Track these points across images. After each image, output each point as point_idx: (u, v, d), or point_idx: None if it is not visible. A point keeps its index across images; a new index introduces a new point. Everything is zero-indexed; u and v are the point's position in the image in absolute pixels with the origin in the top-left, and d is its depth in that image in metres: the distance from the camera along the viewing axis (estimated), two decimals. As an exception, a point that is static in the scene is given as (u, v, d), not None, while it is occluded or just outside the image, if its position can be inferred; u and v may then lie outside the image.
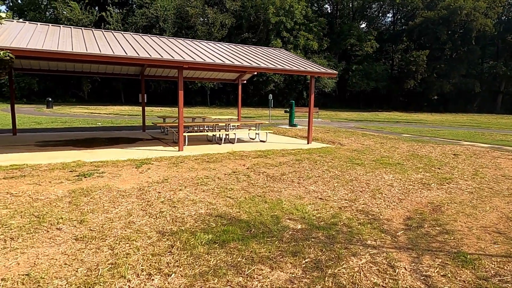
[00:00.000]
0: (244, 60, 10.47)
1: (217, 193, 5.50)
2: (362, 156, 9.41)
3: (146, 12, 36.57)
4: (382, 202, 5.20)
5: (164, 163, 7.75)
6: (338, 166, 7.91)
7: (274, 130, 15.85)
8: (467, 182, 6.71)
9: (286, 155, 9.25)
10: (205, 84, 39.09)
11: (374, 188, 6.02)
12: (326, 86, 44.13)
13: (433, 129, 19.95)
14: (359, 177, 6.85)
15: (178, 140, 9.57)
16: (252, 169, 7.39)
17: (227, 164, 7.82)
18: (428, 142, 12.87)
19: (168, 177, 6.47)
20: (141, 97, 14.52)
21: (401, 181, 6.55)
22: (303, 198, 5.34)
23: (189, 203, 4.95)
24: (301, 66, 11.23)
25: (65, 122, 17.63)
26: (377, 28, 55.06)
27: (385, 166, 8.06)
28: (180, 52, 9.70)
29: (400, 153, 10.05)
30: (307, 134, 11.81)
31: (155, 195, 5.28)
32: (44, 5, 46.99)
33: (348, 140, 12.91)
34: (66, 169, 6.82)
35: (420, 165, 8.31)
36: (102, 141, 11.17)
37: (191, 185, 5.94)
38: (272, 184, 6.16)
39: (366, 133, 15.71)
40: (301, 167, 7.73)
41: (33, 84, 40.19)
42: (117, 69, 14.03)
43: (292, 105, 17.39)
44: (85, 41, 8.81)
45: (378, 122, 25.23)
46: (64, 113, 25.32)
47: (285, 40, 41.66)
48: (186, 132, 11.16)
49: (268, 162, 8.15)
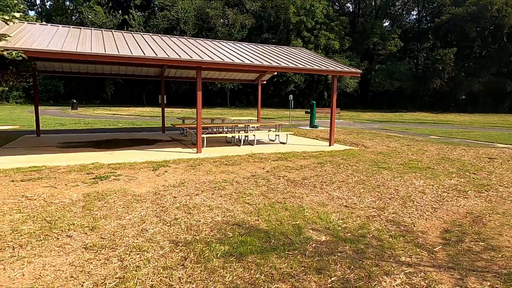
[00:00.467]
0: (264, 59, 10.17)
1: (235, 199, 5.22)
2: (388, 159, 8.90)
3: (167, 15, 36.97)
4: (414, 211, 4.75)
5: (182, 165, 7.55)
6: (363, 170, 7.46)
7: (295, 132, 15.46)
8: (508, 189, 6.12)
9: (308, 157, 8.87)
10: (225, 85, 39.09)
11: (404, 195, 5.57)
12: (347, 86, 43.21)
13: (463, 130, 18.96)
14: (387, 182, 6.40)
15: (196, 141, 9.38)
16: (272, 173, 7.06)
17: (246, 167, 7.54)
18: (458, 145, 12.14)
19: (185, 180, 6.25)
20: (160, 98, 14.49)
21: (433, 188, 6.05)
22: (327, 206, 4.97)
23: (206, 210, 4.69)
24: (323, 65, 10.81)
25: (88, 123, 17.90)
26: (401, 26, 53.51)
27: (414, 170, 7.54)
28: (198, 52, 9.52)
29: (429, 156, 9.46)
30: (329, 136, 11.37)
31: (171, 200, 5.05)
32: (71, 10, 48.47)
33: (372, 142, 12.36)
34: (84, 171, 6.73)
35: (452, 169, 7.73)
36: (122, 142, 11.16)
37: (208, 190, 5.68)
38: (293, 189, 5.82)
39: (391, 135, 15.07)
40: (324, 170, 7.34)
41: (59, 86, 41.49)
42: (137, 71, 14.06)
43: (313, 105, 16.94)
44: (104, 43, 8.77)
45: (403, 123, 24.32)
46: (88, 114, 25.86)
47: (305, 40, 41.10)
48: (205, 133, 10.97)
49: (288, 165, 7.81)
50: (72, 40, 8.48)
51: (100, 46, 8.25)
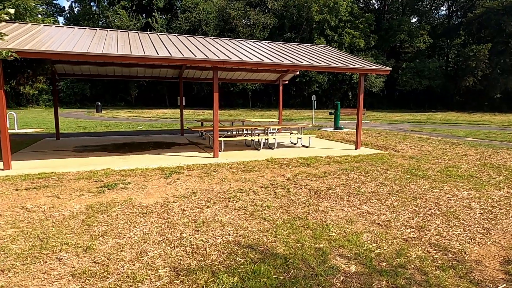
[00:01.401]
0: (285, 58, 9.55)
1: (250, 213, 4.64)
2: (423, 165, 8.04)
3: (189, 16, 37.02)
4: (462, 232, 4.00)
5: (196, 172, 7.06)
6: (395, 178, 6.69)
7: (318, 134, 14.71)
8: None
9: (332, 163, 8.16)
10: (247, 86, 38.67)
11: (447, 210, 4.79)
12: (373, 86, 41.71)
13: (502, 131, 17.51)
14: (424, 193, 5.62)
15: (213, 145, 8.89)
16: (293, 181, 6.44)
17: (264, 174, 6.94)
18: (500, 148, 11.01)
19: (197, 189, 5.74)
20: (179, 100, 14.16)
21: (480, 201, 5.23)
22: (356, 223, 4.30)
23: (216, 226, 4.13)
24: (349, 63, 10.06)
25: (108, 126, 17.90)
26: (430, 22, 51.18)
27: (454, 179, 6.69)
28: (215, 51, 9.03)
29: (469, 162, 8.50)
30: (356, 139, 10.58)
31: (179, 214, 4.54)
32: (97, 14, 49.70)
33: (402, 145, 11.44)
34: (92, 178, 6.36)
35: (499, 178, 6.81)
36: (138, 146, 10.85)
37: (222, 201, 5.13)
38: (316, 202, 5.17)
39: (423, 137, 14.02)
40: (350, 178, 6.63)
41: (85, 89, 42.52)
42: (155, 72, 13.79)
43: (338, 106, 16.12)
44: (118, 43, 8.44)
45: (434, 124, 22.93)
46: (111, 116, 26.11)
47: (329, 39, 40.01)
48: (223, 137, 10.47)
49: (311, 172, 7.15)
50: (85, 41, 8.21)
51: (113, 46, 7.92)
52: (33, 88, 10.12)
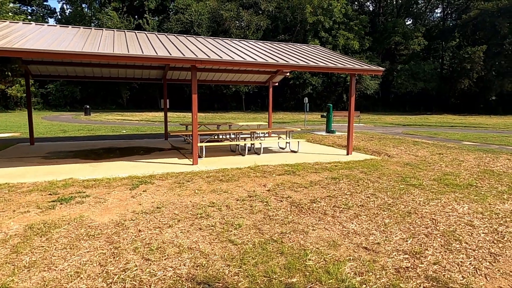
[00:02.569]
0: (271, 57, 8.91)
1: (217, 234, 3.96)
2: (418, 172, 7.41)
3: (181, 18, 36.36)
4: (464, 260, 3.34)
5: (168, 182, 6.37)
6: (388, 188, 6.04)
7: (309, 138, 14.07)
8: None
9: (320, 171, 7.50)
10: (240, 88, 38.04)
11: (446, 229, 4.14)
12: (368, 88, 41.23)
13: (499, 134, 16.99)
14: (420, 208, 4.97)
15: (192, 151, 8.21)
16: (274, 192, 5.77)
17: (244, 184, 6.27)
18: (499, 153, 10.42)
19: (164, 204, 5.05)
20: (163, 102, 13.48)
21: (483, 217, 4.58)
22: (339, 247, 3.63)
23: (172, 253, 3.45)
24: (339, 63, 9.44)
25: (91, 130, 17.14)
26: (425, 24, 50.95)
27: (453, 188, 6.06)
28: (195, 50, 8.36)
29: (468, 169, 7.89)
30: (347, 143, 9.95)
31: (132, 237, 3.85)
32: (89, 16, 48.88)
33: (397, 150, 10.83)
34: (48, 190, 5.65)
35: (501, 187, 6.19)
36: (115, 151, 10.14)
37: (187, 218, 4.45)
38: (296, 218, 4.51)
39: (418, 141, 13.43)
40: (338, 189, 5.98)
41: (75, 92, 41.64)
42: (138, 73, 13.10)
43: (330, 109, 15.50)
44: (87, 40, 7.76)
45: (429, 127, 22.41)
46: (98, 120, 25.33)
47: (323, 41, 39.51)
48: (205, 142, 9.81)
49: (295, 182, 6.49)
50: (58, 38, 7.51)
51: (79, 43, 7.23)
52: (6, 88, 9.37)
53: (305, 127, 19.90)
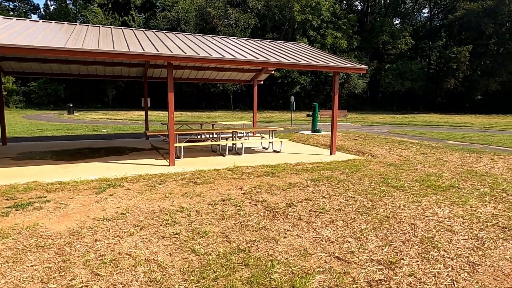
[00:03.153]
0: (251, 54, 8.62)
1: (180, 243, 3.66)
2: (401, 173, 7.23)
3: (168, 15, 35.76)
4: (442, 271, 3.11)
5: (139, 184, 6.03)
6: (368, 190, 5.82)
7: (294, 137, 13.85)
8: None
9: (300, 172, 7.25)
10: (227, 87, 37.67)
11: (424, 235, 3.92)
12: (356, 87, 41.31)
13: (483, 134, 17.06)
14: (399, 211, 4.75)
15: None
16: (250, 195, 5.49)
17: (219, 187, 5.98)
18: (483, 152, 10.35)
19: (129, 209, 4.72)
20: (143, 101, 13.07)
21: (464, 221, 4.39)
22: (310, 257, 3.37)
23: (126, 266, 3.14)
24: (321, 60, 9.21)
25: (71, 129, 16.59)
26: (412, 24, 51.35)
27: (435, 190, 5.87)
28: (171, 46, 8.02)
29: (451, 169, 7.74)
30: (330, 143, 9.74)
31: (86, 247, 3.52)
32: (74, 13, 47.80)
33: (381, 149, 10.67)
34: (6, 195, 5.26)
35: (484, 189, 6.03)
36: (91, 152, 9.72)
37: (152, 225, 4.14)
38: (269, 224, 4.24)
39: (403, 140, 13.32)
40: (317, 191, 5.73)
41: (59, 90, 40.64)
42: (117, 71, 12.67)
43: (315, 108, 15.30)
44: (59, 35, 7.34)
45: (416, 126, 22.45)
46: (81, 119, 24.68)
47: (311, 39, 39.40)
48: (184, 142, 9.47)
49: (274, 184, 6.22)
50: (31, 33, 7.08)
51: (47, 37, 6.82)
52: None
53: (292, 126, 19.69)
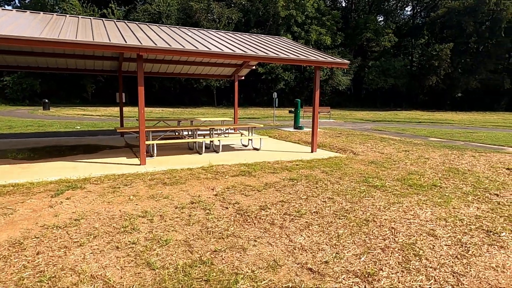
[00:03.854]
0: (228, 47, 8.19)
1: (136, 254, 3.25)
2: (382, 172, 6.98)
3: (148, 8, 34.78)
4: (424, 284, 2.81)
5: (103, 186, 5.56)
6: (348, 190, 5.52)
7: (276, 134, 13.51)
8: (554, 224, 4.22)
9: (279, 171, 6.91)
10: (210, 82, 37.05)
11: (405, 241, 3.63)
12: (340, 84, 41.34)
13: (464, 130, 17.16)
14: (379, 214, 4.45)
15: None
16: (222, 197, 5.10)
17: (190, 188, 5.56)
18: (465, 149, 10.27)
19: (86, 214, 4.26)
20: (118, 96, 12.46)
21: (447, 224, 4.12)
22: (280, 268, 3.02)
23: (66, 285, 2.71)
24: (302, 54, 8.86)
25: (42, 125, 15.78)
26: (395, 22, 51.79)
27: (416, 190, 5.62)
28: (142, 37, 7.51)
29: (433, 167, 7.55)
30: (311, 141, 9.43)
31: (24, 261, 3.06)
32: (51, 5, 46.00)
33: (363, 147, 10.44)
34: None
35: (466, 188, 5.82)
36: (59, 150, 9.12)
37: (107, 234, 3.70)
38: (238, 230, 3.87)
39: (385, 137, 13.18)
40: (294, 192, 5.39)
41: (35, 85, 39.08)
42: (89, 64, 12.01)
43: (298, 104, 15.00)
44: (20, 24, 6.73)
45: (398, 123, 22.51)
46: (56, 115, 23.67)
47: (296, 35, 39.14)
48: (158, 139, 8.99)
49: (249, 184, 5.85)
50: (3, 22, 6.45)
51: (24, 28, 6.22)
52: None
53: (274, 123, 19.37)
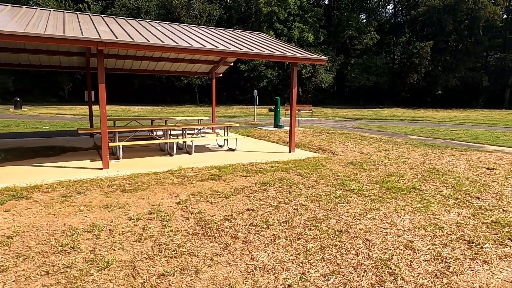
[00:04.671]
0: (199, 42, 7.69)
1: (67, 281, 2.75)
2: (360, 173, 6.64)
3: (127, 4, 33.70)
4: (399, 311, 2.43)
5: (52, 195, 4.99)
6: (322, 196, 5.13)
7: (255, 133, 13.08)
8: (538, 231, 3.93)
9: (251, 174, 6.47)
10: (192, 80, 36.31)
11: (380, 256, 3.25)
12: (323, 82, 41.24)
13: (444, 128, 17.16)
14: (354, 223, 4.08)
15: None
16: (185, 205, 4.63)
17: (151, 195, 5.06)
18: (445, 148, 10.09)
19: (24, 229, 3.72)
20: (86, 94, 11.76)
21: (426, 234, 3.78)
22: (234, 297, 2.58)
23: (-34, 328, 2.19)
24: (277, 50, 8.44)
25: (7, 126, 14.85)
26: (378, 20, 52.10)
27: (395, 194, 5.29)
28: (103, 30, 6.92)
29: (413, 167, 7.28)
30: (289, 140, 9.04)
31: None
32: None
33: (343, 146, 10.13)
34: None
35: (447, 190, 5.53)
36: (19, 153, 8.42)
37: (42, 254, 3.18)
38: (195, 246, 3.41)
39: (366, 136, 12.94)
40: (265, 198, 4.97)
41: (7, 83, 37.43)
42: (55, 61, 11.27)
43: (278, 102, 14.61)
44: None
45: (380, 121, 22.45)
46: (27, 114, 22.56)
47: (278, 32, 38.76)
48: (125, 140, 8.42)
49: (217, 189, 5.39)
50: None
51: None
52: None
53: (255, 122, 18.95)
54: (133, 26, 8.26)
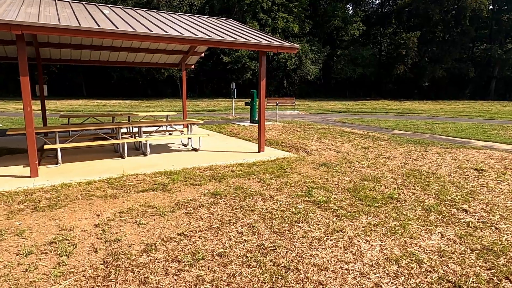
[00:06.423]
0: (148, 27, 6.63)
1: None
2: (332, 178, 5.75)
3: (102, -9, 31.96)
4: None
5: None
6: (279, 211, 4.22)
7: (228, 129, 12.11)
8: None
9: (205, 181, 5.52)
10: (173, 73, 34.96)
11: (333, 313, 2.34)
12: (309, 73, 40.31)
13: (430, 121, 16.47)
14: (308, 254, 3.17)
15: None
16: (104, 228, 3.67)
17: (67, 214, 4.07)
18: (429, 144, 9.30)
19: None
20: (38, 89, 10.59)
21: (398, 273, 2.89)
22: None
23: None
24: (241, 36, 7.44)
25: (-42, 123, 13.54)
26: (364, 10, 51.20)
27: (367, 207, 4.41)
28: (31, 13, 5.81)
29: (393, 169, 6.43)
30: (258, 138, 8.09)
31: None
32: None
33: (319, 143, 9.24)
34: None
35: (429, 200, 4.68)
36: None
37: None
38: (81, 301, 2.45)
39: (347, 131, 12.09)
40: (208, 217, 4.03)
41: (-23, 77, 35.45)
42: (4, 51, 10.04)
43: (254, 95, 13.63)
44: None
45: (365, 114, 21.68)
46: (-9, 110, 21.08)
47: (262, 23, 37.57)
48: (67, 142, 7.36)
49: (154, 205, 4.43)
50: None
51: None
52: None
53: (233, 116, 17.94)
54: (73, 10, 7.13)
